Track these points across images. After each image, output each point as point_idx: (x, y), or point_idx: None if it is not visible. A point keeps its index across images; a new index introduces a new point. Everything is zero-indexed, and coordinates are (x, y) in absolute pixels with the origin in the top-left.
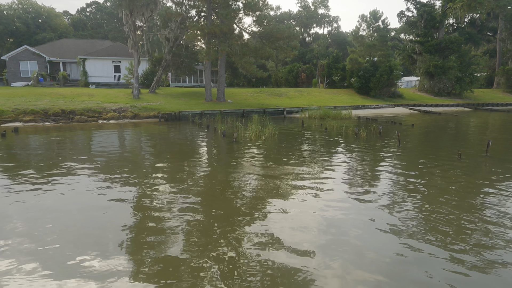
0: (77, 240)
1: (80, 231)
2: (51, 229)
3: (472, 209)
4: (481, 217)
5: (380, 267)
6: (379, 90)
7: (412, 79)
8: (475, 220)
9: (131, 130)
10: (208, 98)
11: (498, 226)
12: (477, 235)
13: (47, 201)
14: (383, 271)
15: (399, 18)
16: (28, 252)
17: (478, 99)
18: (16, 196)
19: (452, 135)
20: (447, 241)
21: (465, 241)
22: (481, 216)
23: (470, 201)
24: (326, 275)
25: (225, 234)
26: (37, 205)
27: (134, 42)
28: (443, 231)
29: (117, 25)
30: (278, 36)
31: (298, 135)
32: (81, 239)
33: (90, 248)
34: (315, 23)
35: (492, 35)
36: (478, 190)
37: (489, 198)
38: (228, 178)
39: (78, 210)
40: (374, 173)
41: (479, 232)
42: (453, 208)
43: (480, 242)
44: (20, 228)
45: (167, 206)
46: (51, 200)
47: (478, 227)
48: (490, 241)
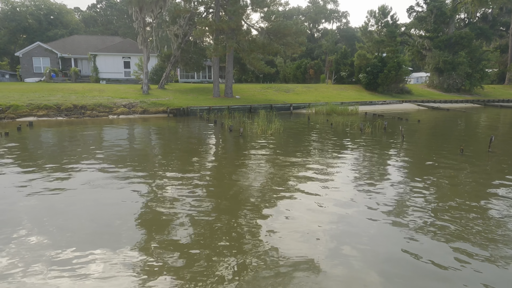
0: (88, 232)
1: (91, 223)
2: (62, 221)
3: (467, 202)
4: (476, 209)
5: (389, 261)
6: (387, 86)
7: (421, 75)
8: (473, 212)
9: (141, 125)
10: (216, 94)
11: (496, 219)
12: (475, 227)
13: (59, 194)
14: (393, 265)
15: (409, 13)
16: (38, 243)
17: (488, 95)
18: (30, 189)
19: (458, 131)
20: (448, 233)
21: (466, 233)
22: (476, 209)
23: (466, 195)
24: (335, 271)
25: (232, 228)
26: (49, 198)
27: (144, 39)
28: (444, 225)
29: (127, 21)
30: (285, 32)
31: (303, 131)
32: (92, 231)
33: (101, 240)
34: (324, 19)
35: (504, 30)
36: (475, 184)
37: (485, 193)
38: (233, 172)
39: (89, 202)
40: (376, 168)
41: (477, 224)
42: (449, 202)
43: (476, 232)
44: (32, 221)
45: (175, 198)
46: (63, 193)
47: (475, 219)
48: (483, 231)
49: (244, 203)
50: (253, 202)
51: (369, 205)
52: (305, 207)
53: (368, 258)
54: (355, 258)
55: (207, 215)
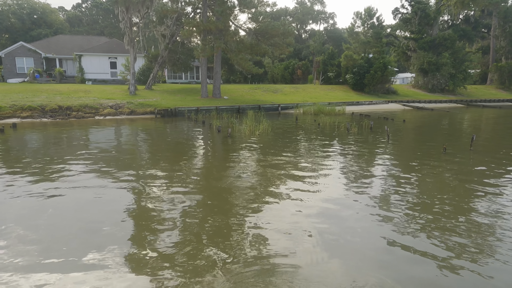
0: (75, 235)
1: (77, 226)
2: (48, 224)
3: (450, 197)
4: (458, 204)
5: (375, 258)
6: (373, 86)
7: (407, 75)
8: (455, 207)
9: (128, 126)
10: (204, 95)
11: (476, 213)
12: (458, 220)
13: (44, 197)
14: (380, 263)
15: (394, 15)
16: (25, 248)
17: (471, 95)
18: (14, 192)
19: (441, 130)
20: (430, 224)
21: (449, 225)
22: (458, 204)
23: (448, 191)
24: (323, 269)
25: (221, 228)
26: (34, 200)
27: (130, 39)
28: (427, 217)
29: (113, 21)
30: (273, 33)
31: (291, 131)
32: (79, 234)
33: (88, 244)
34: (311, 20)
35: (486, 32)
36: (457, 181)
37: (463, 189)
38: (221, 172)
39: (76, 205)
40: (362, 166)
41: (459, 218)
42: (431, 197)
43: (458, 224)
44: (17, 224)
45: (163, 199)
46: (49, 195)
47: (458, 213)
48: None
49: (233, 202)
50: (241, 201)
51: (355, 202)
52: (294, 205)
53: (355, 252)
54: (342, 254)
55: (195, 215)
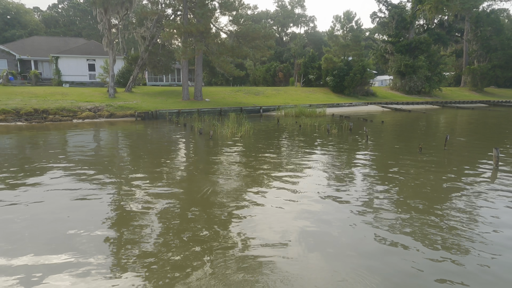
0: (52, 241)
1: (55, 231)
2: (25, 231)
3: (423, 194)
4: (433, 200)
5: (357, 256)
6: (353, 88)
7: (385, 78)
8: (431, 202)
9: (108, 129)
10: (186, 97)
11: (451, 207)
12: (434, 214)
13: (20, 202)
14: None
15: (372, 19)
16: (1, 254)
17: (446, 97)
18: None
19: (418, 131)
20: (407, 219)
21: (425, 219)
22: (433, 200)
23: (421, 189)
24: (306, 268)
25: (204, 229)
26: (9, 207)
27: (109, 41)
28: (403, 213)
29: (91, 22)
30: (254, 35)
31: (273, 133)
32: (57, 240)
33: (66, 249)
34: (292, 23)
35: (459, 36)
36: (432, 178)
37: (438, 186)
38: (203, 174)
39: (53, 211)
40: (342, 166)
41: (435, 213)
42: (407, 194)
43: (434, 219)
44: None
45: (144, 204)
46: (25, 201)
47: (434, 209)
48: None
49: (216, 204)
50: (224, 203)
51: (337, 200)
52: (276, 205)
53: (338, 249)
54: (326, 251)
55: (177, 218)
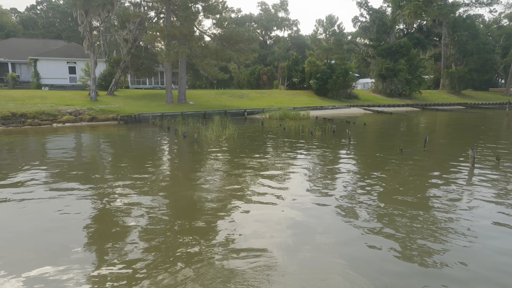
0: (34, 252)
1: (36, 241)
2: (4, 241)
3: (403, 194)
4: (414, 199)
5: (341, 255)
6: (336, 91)
7: (367, 81)
8: (412, 201)
9: (89, 133)
10: (169, 100)
11: (430, 205)
12: (416, 212)
13: None
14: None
15: (354, 23)
16: None
17: (425, 99)
18: None
19: (399, 132)
20: (388, 216)
21: (406, 217)
22: (414, 198)
23: (402, 188)
24: (292, 267)
25: (189, 233)
26: None
27: (91, 43)
28: (386, 211)
29: (71, 24)
30: (238, 39)
31: (257, 135)
32: (38, 251)
33: (47, 260)
34: (275, 26)
35: (438, 40)
36: (412, 178)
37: (419, 184)
38: (188, 177)
39: (33, 219)
40: (325, 168)
41: (417, 211)
42: (388, 194)
43: (416, 215)
44: None
45: (128, 210)
46: (2, 211)
47: (416, 207)
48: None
49: (201, 208)
50: (210, 206)
51: (321, 200)
52: (261, 207)
53: (323, 248)
54: (310, 251)
55: (162, 222)
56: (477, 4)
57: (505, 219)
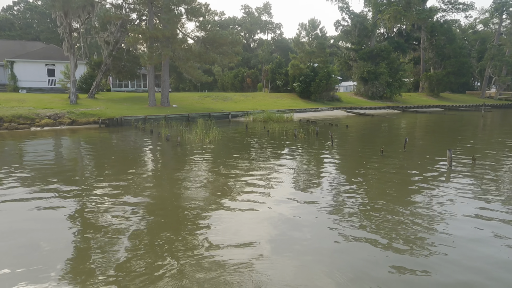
0: (12, 261)
1: (15, 251)
2: None
3: (383, 193)
4: (396, 198)
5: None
6: (319, 94)
7: (350, 83)
8: (394, 199)
9: (69, 137)
10: (152, 103)
11: (411, 204)
12: (398, 211)
13: None
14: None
15: (336, 27)
16: None
17: (406, 102)
18: None
19: (380, 134)
20: (372, 217)
21: (388, 215)
22: (395, 197)
23: (383, 188)
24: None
25: (173, 242)
26: None
27: (70, 45)
28: (369, 211)
29: (50, 25)
30: (221, 41)
31: (241, 138)
32: (17, 260)
33: (27, 269)
34: (259, 29)
35: (417, 44)
36: (392, 178)
37: (399, 184)
38: (171, 181)
39: (11, 228)
40: (308, 169)
41: (398, 209)
42: (370, 193)
43: (398, 214)
44: None
45: (110, 216)
46: None
47: (398, 205)
48: None
49: (185, 210)
50: (194, 209)
51: (305, 201)
52: (247, 209)
53: (307, 249)
54: (295, 252)
55: (145, 227)
56: (453, 9)
57: (480, 215)
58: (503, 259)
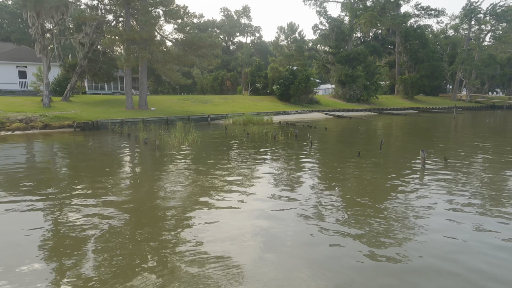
0: None
1: None
2: None
3: (361, 193)
4: (372, 197)
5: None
6: (298, 96)
7: (328, 86)
8: (365, 199)
9: (42, 142)
10: (130, 106)
11: (387, 202)
12: (375, 209)
13: None
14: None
15: (314, 31)
16: None
17: (382, 104)
18: None
19: (357, 136)
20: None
21: (366, 213)
22: (372, 196)
23: (360, 188)
24: (258, 267)
25: (153, 247)
26: None
27: (43, 46)
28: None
29: (21, 26)
30: (200, 44)
31: (221, 141)
32: None
33: None
34: (238, 32)
35: (392, 48)
36: (368, 178)
37: (375, 184)
38: (150, 185)
39: None
40: (288, 171)
41: (376, 207)
42: (348, 194)
43: (376, 212)
44: None
45: (85, 221)
46: None
47: (374, 204)
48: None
49: (164, 214)
50: (172, 213)
51: (285, 202)
52: (226, 213)
53: (288, 250)
54: (277, 254)
55: (122, 234)
56: (426, 15)
57: (451, 212)
58: (473, 250)
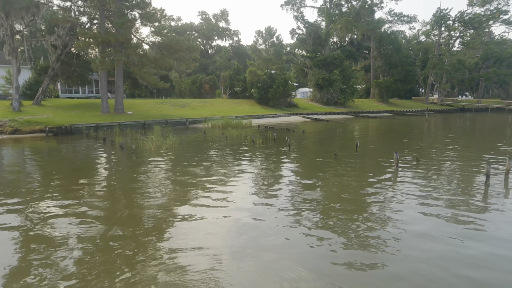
0: None
1: None
2: None
3: (337, 194)
4: (349, 197)
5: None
6: (276, 100)
7: (306, 90)
8: (342, 199)
9: (11, 147)
10: (105, 110)
11: (363, 201)
12: (352, 208)
13: None
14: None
15: (292, 35)
16: None
17: (358, 107)
18: None
19: (335, 139)
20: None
21: (344, 212)
22: (349, 196)
23: (336, 189)
24: (239, 273)
25: (130, 256)
26: None
27: (12, 48)
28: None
29: None
30: (178, 47)
31: (199, 145)
32: None
33: None
34: (216, 36)
35: (367, 53)
36: (344, 180)
37: (351, 185)
38: (126, 190)
39: None
40: (267, 174)
41: (352, 207)
42: (325, 194)
43: (354, 211)
44: None
45: (59, 232)
46: None
47: (351, 203)
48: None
49: (141, 220)
50: (150, 218)
51: (265, 206)
52: (207, 217)
53: (270, 252)
54: (258, 256)
55: (97, 243)
56: (399, 21)
57: (423, 210)
58: (437, 238)
